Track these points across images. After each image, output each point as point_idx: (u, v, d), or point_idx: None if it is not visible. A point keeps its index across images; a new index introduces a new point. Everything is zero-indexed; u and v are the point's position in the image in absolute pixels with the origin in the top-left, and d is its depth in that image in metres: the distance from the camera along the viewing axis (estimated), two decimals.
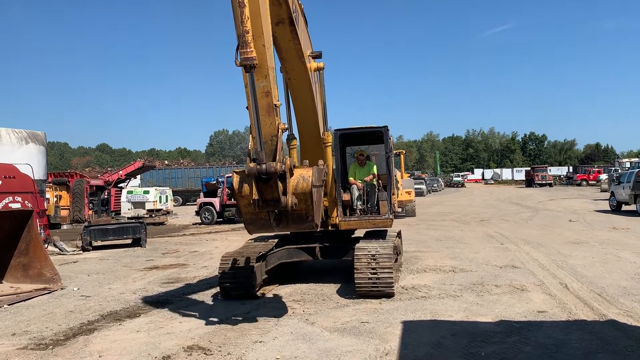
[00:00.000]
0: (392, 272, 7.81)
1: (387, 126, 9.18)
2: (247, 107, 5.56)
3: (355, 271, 7.81)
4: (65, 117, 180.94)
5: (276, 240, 9.25)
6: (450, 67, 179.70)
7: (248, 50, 5.16)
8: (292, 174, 5.77)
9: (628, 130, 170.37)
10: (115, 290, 9.53)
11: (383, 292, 7.81)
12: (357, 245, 8.13)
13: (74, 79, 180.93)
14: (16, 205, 12.67)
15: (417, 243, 14.53)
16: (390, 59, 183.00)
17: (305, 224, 6.08)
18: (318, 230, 6.68)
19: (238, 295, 8.13)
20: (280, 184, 5.60)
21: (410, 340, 5.90)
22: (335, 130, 9.09)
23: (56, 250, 15.40)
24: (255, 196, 5.68)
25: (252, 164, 5.51)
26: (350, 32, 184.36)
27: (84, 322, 7.29)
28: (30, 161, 16.24)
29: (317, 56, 7.74)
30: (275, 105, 5.58)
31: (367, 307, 7.49)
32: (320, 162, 6.40)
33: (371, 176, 9.64)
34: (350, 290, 8.38)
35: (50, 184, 25.98)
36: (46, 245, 14.75)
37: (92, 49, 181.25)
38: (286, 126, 5.89)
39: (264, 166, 5.46)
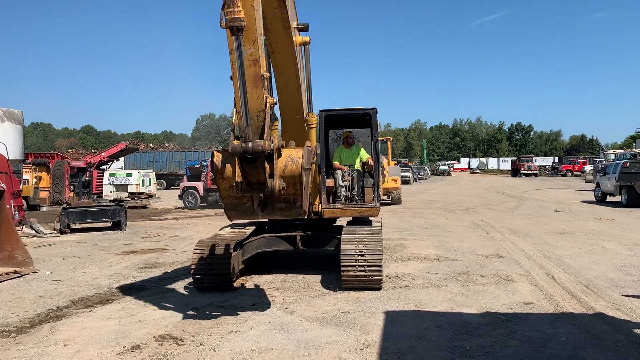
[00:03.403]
0: (381, 269, 7.42)
1: (375, 108, 8.78)
2: (231, 77, 4.98)
3: (342, 268, 7.36)
4: (50, 98, 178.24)
5: (253, 227, 8.82)
6: (439, 56, 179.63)
7: (235, 9, 4.54)
8: (280, 155, 5.25)
9: (613, 122, 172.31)
10: (89, 275, 9.19)
11: (371, 287, 7.47)
12: (342, 237, 7.63)
13: (59, 59, 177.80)
14: None
15: (401, 231, 14.32)
16: (378, 47, 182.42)
17: (293, 210, 5.57)
18: (305, 216, 6.21)
19: (213, 287, 7.65)
20: (267, 166, 5.07)
21: (392, 332, 5.67)
22: (320, 111, 8.67)
23: (33, 232, 14.97)
24: (238, 178, 5.13)
25: (236, 142, 4.93)
26: (336, 15, 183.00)
27: (52, 308, 6.96)
28: (5, 140, 15.78)
29: (303, 29, 7.14)
30: (263, 76, 4.99)
31: (348, 296, 7.23)
32: (308, 143, 5.96)
33: (368, 158, 9.26)
34: (333, 278, 8.13)
35: (30, 165, 25.40)
36: (21, 227, 14.33)
37: (77, 29, 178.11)
38: (275, 101, 5.27)
39: (250, 144, 4.87)
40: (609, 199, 23.23)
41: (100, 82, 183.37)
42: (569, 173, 64.04)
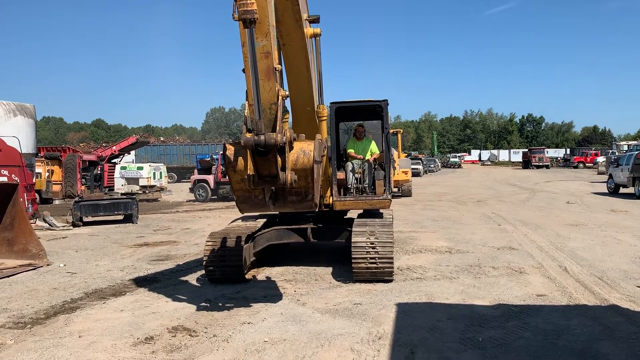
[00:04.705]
0: (392, 261, 7.41)
1: (386, 100, 8.73)
2: (243, 70, 5.01)
3: (353, 260, 7.38)
4: (61, 92, 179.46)
5: (264, 220, 8.83)
6: (450, 47, 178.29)
7: (248, 2, 4.56)
8: (291, 148, 5.25)
9: (625, 113, 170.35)
10: (102, 267, 9.27)
11: (382, 279, 7.47)
12: (353, 230, 7.63)
13: (70, 53, 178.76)
14: (2, 179, 12.34)
15: (412, 223, 14.29)
16: (389, 39, 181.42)
17: (304, 202, 5.60)
18: (317, 209, 6.23)
19: (225, 279, 7.70)
20: (279, 158, 5.09)
21: (404, 324, 5.67)
22: (331, 103, 8.64)
23: (46, 225, 15.10)
24: (250, 171, 5.15)
25: (249, 135, 4.96)
26: (346, 5, 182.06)
27: (67, 300, 7.03)
28: (18, 134, 15.89)
29: (313, 20, 7.07)
30: (275, 68, 5.00)
31: (360, 288, 7.24)
32: (319, 135, 5.95)
33: (378, 154, 9.29)
34: (344, 270, 8.13)
35: (43, 159, 25.61)
36: (34, 220, 14.48)
37: (87, 23, 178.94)
38: (287, 93, 5.29)
39: (262, 137, 4.90)
40: (622, 190, 22.99)
41: (111, 76, 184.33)
42: (581, 165, 63.50)
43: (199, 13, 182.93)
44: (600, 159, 49.41)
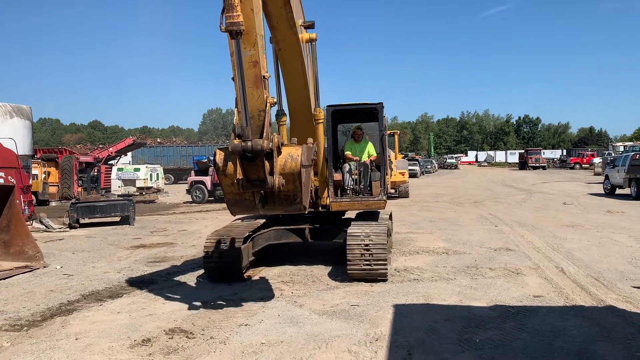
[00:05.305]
0: (385, 258, 7.46)
1: (382, 103, 8.81)
2: (232, 78, 5.13)
3: (347, 262, 7.46)
4: (58, 93, 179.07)
5: (263, 220, 8.90)
6: (447, 48, 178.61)
7: (234, 14, 4.72)
8: (279, 153, 5.39)
9: (621, 114, 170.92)
10: (99, 269, 9.25)
11: (376, 277, 7.51)
12: (349, 230, 7.72)
13: (68, 55, 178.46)
14: None
15: (409, 224, 14.30)
16: (385, 40, 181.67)
17: (293, 206, 5.74)
18: (306, 212, 6.34)
19: (224, 277, 7.77)
20: (266, 163, 5.23)
21: (401, 325, 5.67)
22: (327, 106, 8.72)
23: (42, 227, 15.05)
24: (239, 175, 5.31)
25: (236, 141, 5.13)
26: (343, 7, 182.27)
27: (63, 302, 7.02)
28: (14, 136, 15.81)
29: (309, 26, 7.21)
30: (263, 76, 5.16)
31: (357, 289, 7.25)
32: (310, 140, 6.05)
33: (375, 156, 9.34)
34: (342, 272, 8.13)
35: (39, 160, 25.53)
36: (31, 221, 14.43)
37: (84, 24, 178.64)
38: (275, 100, 5.46)
39: (249, 143, 5.07)
40: (618, 191, 23.07)
41: (107, 77, 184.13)
42: (577, 166, 63.61)
43: (197, 13, 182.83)
44: (597, 160, 49.59)
